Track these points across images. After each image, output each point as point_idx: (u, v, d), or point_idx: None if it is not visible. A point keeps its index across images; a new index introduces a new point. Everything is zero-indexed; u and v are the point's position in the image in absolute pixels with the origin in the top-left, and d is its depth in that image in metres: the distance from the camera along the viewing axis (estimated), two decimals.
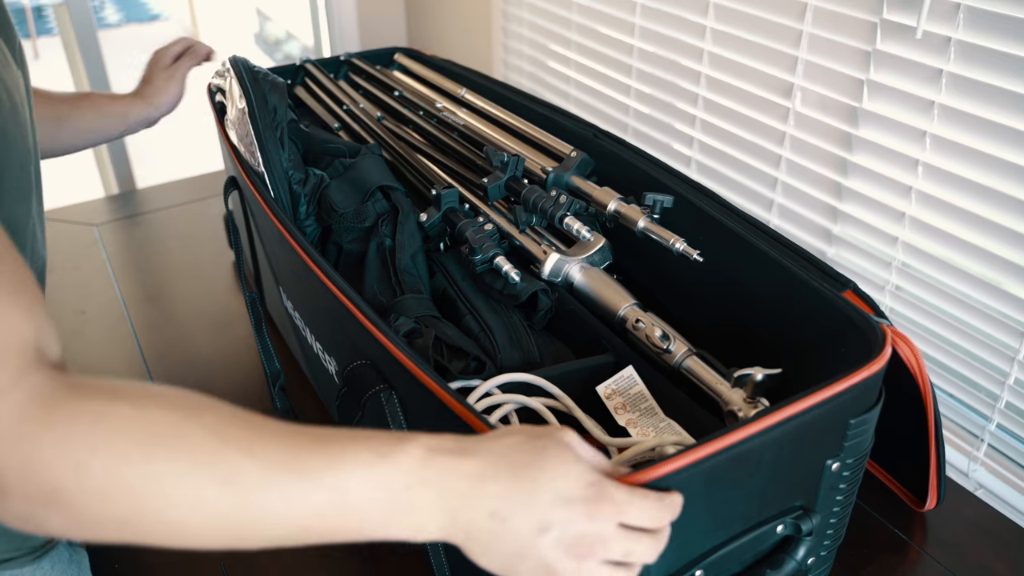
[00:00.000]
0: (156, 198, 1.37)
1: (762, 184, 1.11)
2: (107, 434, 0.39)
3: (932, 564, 0.74)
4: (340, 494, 0.42)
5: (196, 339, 1.03)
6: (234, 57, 0.89)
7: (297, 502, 0.41)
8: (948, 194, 0.88)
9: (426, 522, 0.44)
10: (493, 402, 0.67)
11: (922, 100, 0.88)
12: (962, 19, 0.81)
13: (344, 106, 1.09)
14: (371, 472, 0.43)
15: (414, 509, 0.43)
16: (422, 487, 0.43)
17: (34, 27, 4.52)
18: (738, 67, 1.10)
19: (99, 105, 0.91)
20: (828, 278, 0.68)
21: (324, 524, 0.42)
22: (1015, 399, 0.86)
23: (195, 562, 0.74)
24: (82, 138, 0.90)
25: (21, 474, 0.38)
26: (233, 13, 5.00)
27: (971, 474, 0.92)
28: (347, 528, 0.43)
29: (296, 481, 0.41)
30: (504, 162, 0.83)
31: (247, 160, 0.85)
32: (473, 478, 0.44)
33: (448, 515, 0.44)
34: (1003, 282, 0.85)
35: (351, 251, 0.84)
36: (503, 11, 1.60)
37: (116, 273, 1.17)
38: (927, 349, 0.94)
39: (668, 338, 0.70)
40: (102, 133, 0.92)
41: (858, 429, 0.58)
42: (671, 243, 0.73)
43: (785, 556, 0.61)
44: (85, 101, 0.90)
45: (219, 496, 0.40)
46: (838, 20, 0.94)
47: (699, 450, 0.49)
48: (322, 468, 0.42)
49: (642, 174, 0.84)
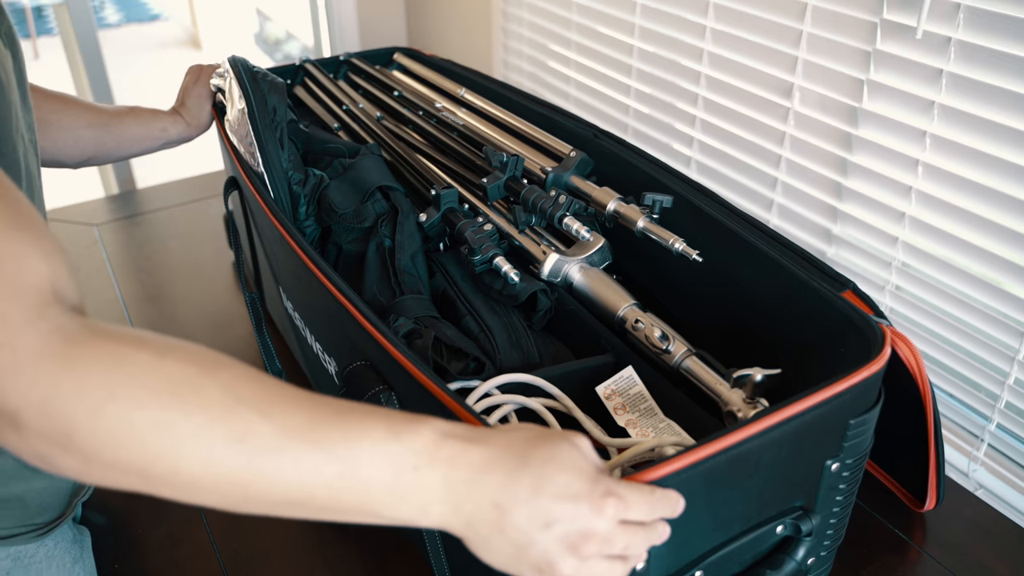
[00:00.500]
0: (156, 198, 1.37)
1: (762, 184, 1.11)
2: (125, 379, 0.39)
3: (932, 564, 0.74)
4: (351, 468, 0.42)
5: (196, 339, 1.02)
6: (234, 57, 0.89)
7: (308, 470, 0.41)
8: (948, 194, 0.88)
9: (429, 504, 0.43)
10: (492, 403, 0.67)
11: (922, 100, 0.88)
12: (962, 19, 0.81)
13: (344, 106, 1.09)
14: (383, 449, 0.43)
15: (420, 490, 0.43)
16: (430, 468, 0.43)
17: (34, 27, 4.53)
18: (738, 67, 1.10)
19: (142, 118, 0.94)
20: (828, 278, 0.68)
21: (330, 496, 0.42)
22: (1015, 399, 0.86)
23: (195, 562, 0.74)
24: (124, 147, 0.93)
25: (39, 411, 0.38)
26: (233, 13, 5.00)
27: (971, 474, 0.92)
28: (351, 503, 0.43)
29: (310, 450, 0.41)
30: (503, 162, 0.83)
31: (247, 160, 0.85)
32: (480, 466, 0.44)
33: (452, 500, 0.44)
34: (1003, 282, 0.85)
35: (351, 251, 0.84)
36: (503, 11, 1.60)
37: (116, 273, 1.17)
38: (927, 349, 0.94)
39: (667, 338, 0.70)
40: (144, 145, 0.94)
41: (858, 429, 0.58)
42: (670, 243, 0.73)
43: (785, 556, 0.61)
44: (128, 113, 0.93)
45: (229, 454, 0.40)
46: (838, 20, 0.94)
47: (699, 451, 0.49)
48: (337, 440, 0.42)
49: (641, 174, 0.84)
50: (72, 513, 0.71)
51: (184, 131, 0.97)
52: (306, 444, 0.41)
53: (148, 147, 0.95)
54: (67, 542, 0.70)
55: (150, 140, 0.95)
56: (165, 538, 0.76)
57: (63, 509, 0.70)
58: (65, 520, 0.70)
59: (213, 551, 0.75)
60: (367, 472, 0.42)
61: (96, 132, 0.90)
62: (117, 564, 0.74)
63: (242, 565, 0.74)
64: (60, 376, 0.38)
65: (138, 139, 0.94)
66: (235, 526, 0.77)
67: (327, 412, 0.43)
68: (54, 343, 0.39)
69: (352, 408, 0.44)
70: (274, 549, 0.75)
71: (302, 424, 0.42)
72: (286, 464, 0.41)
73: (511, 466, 0.44)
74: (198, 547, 0.75)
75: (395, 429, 0.43)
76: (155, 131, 0.95)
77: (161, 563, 0.74)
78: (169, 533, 0.77)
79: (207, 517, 0.78)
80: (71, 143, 0.87)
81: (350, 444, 0.42)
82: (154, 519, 0.78)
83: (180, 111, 0.97)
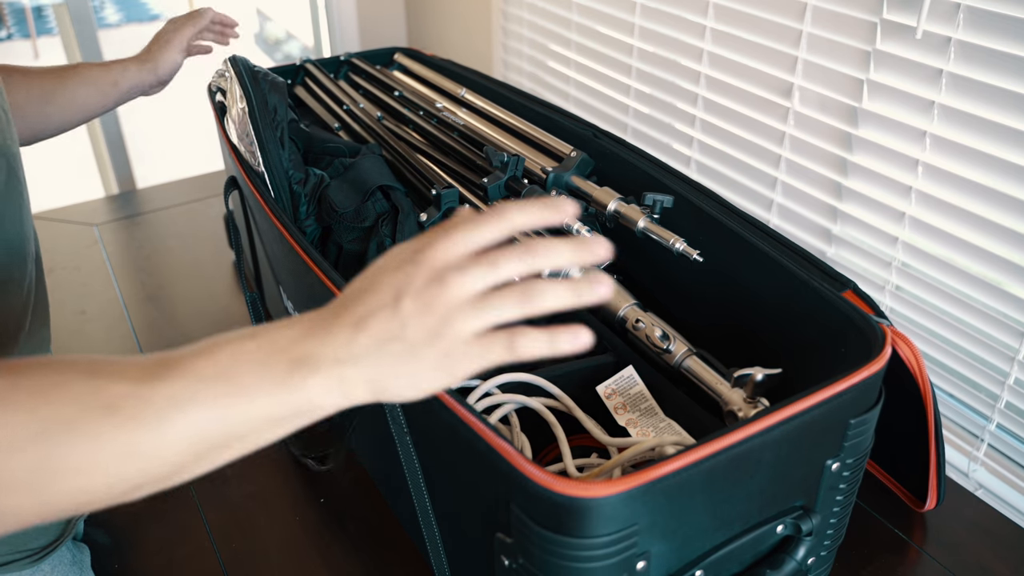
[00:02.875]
0: (156, 198, 1.37)
1: (762, 184, 1.11)
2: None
3: (932, 564, 0.74)
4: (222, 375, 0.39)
5: (196, 339, 1.03)
6: (234, 57, 0.89)
7: (184, 397, 0.38)
8: (948, 194, 0.88)
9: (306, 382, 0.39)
10: (493, 402, 0.67)
11: (922, 100, 0.88)
12: (962, 19, 0.81)
13: (344, 106, 1.09)
14: (241, 348, 0.40)
15: (290, 370, 0.39)
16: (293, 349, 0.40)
17: (34, 27, 4.52)
18: (738, 67, 1.10)
19: (88, 76, 0.84)
20: (828, 278, 0.68)
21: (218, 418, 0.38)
22: (1015, 399, 0.86)
23: (195, 562, 0.74)
24: (73, 113, 0.83)
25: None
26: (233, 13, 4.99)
27: (971, 474, 0.92)
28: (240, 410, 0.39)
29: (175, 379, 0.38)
30: (504, 162, 0.83)
31: (247, 160, 0.85)
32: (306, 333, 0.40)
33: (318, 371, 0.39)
34: (1003, 282, 0.85)
35: (351, 251, 0.84)
36: (503, 11, 1.60)
37: (116, 273, 1.17)
38: (927, 349, 0.94)
39: (668, 338, 0.70)
40: (94, 105, 0.85)
41: (858, 429, 0.58)
42: (671, 243, 0.73)
43: (785, 556, 0.61)
44: (72, 73, 0.83)
45: (110, 427, 0.37)
46: (838, 20, 0.94)
47: (699, 450, 0.49)
48: (198, 359, 0.39)
49: (642, 174, 0.84)
50: (71, 534, 0.70)
51: (136, 77, 0.87)
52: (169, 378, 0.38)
53: (99, 108, 0.85)
54: (65, 565, 0.68)
55: (100, 97, 0.85)
56: (165, 538, 0.76)
57: (60, 532, 0.68)
58: (63, 542, 0.68)
59: (213, 551, 0.75)
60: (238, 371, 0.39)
61: (37, 105, 0.80)
62: (117, 564, 0.74)
63: (242, 565, 0.74)
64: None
65: (86, 102, 0.84)
66: (235, 526, 0.77)
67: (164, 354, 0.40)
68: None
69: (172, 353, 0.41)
70: (274, 549, 0.75)
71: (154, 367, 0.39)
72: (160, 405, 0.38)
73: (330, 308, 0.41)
74: (198, 547, 0.75)
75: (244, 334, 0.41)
76: (104, 87, 0.85)
77: (161, 563, 0.74)
78: (169, 533, 0.77)
79: (207, 517, 0.78)
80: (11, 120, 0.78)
81: (207, 356, 0.39)
82: (154, 519, 0.78)
83: (139, 56, 0.88)
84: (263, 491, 0.81)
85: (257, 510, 0.79)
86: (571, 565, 0.48)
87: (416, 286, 0.39)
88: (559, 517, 0.47)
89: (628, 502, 0.47)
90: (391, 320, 0.39)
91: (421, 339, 0.39)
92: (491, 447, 0.50)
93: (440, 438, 0.56)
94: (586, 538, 0.47)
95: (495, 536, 0.53)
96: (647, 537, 0.50)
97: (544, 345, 0.39)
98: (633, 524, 0.48)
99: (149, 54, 0.89)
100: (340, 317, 0.40)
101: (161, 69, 0.89)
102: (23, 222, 0.64)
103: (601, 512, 0.46)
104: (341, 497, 0.80)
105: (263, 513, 0.79)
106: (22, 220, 0.64)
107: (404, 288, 0.39)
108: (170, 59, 0.90)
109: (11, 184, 0.62)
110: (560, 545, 0.48)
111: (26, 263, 0.64)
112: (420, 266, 0.39)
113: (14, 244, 0.63)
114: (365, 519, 0.78)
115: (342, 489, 0.81)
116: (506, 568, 0.53)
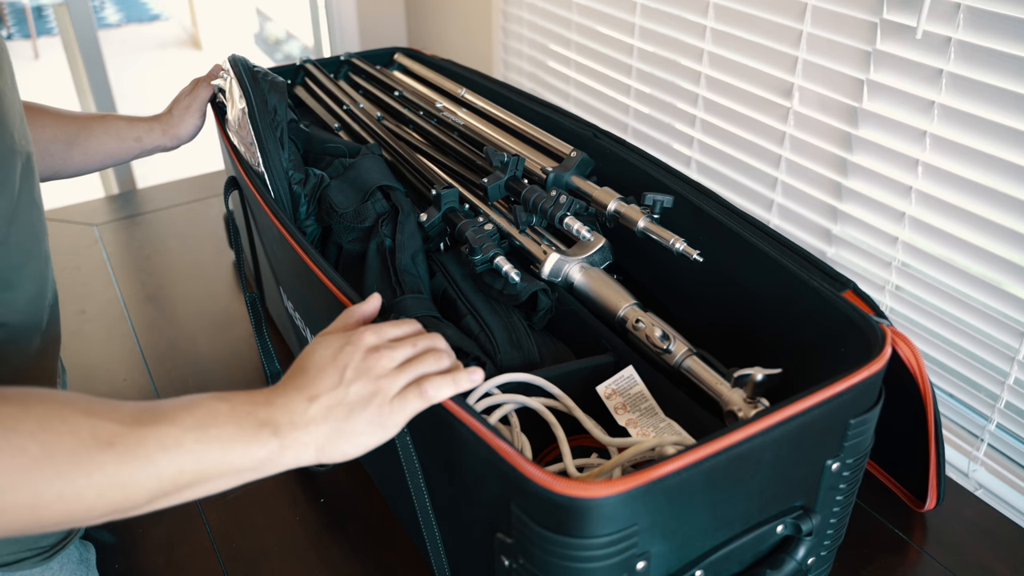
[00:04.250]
0: (156, 198, 1.37)
1: (762, 184, 1.11)
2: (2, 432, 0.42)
3: (932, 564, 0.74)
4: (202, 426, 0.47)
5: (196, 339, 1.03)
6: (234, 57, 0.89)
7: (170, 442, 0.45)
8: (948, 194, 0.88)
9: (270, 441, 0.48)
10: (493, 402, 0.67)
11: (922, 100, 0.88)
12: (962, 19, 0.81)
13: (344, 106, 1.09)
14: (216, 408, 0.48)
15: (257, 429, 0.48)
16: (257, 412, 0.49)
17: (34, 27, 4.53)
18: (738, 67, 1.10)
19: (114, 127, 0.88)
20: (828, 278, 0.68)
21: (195, 461, 0.46)
22: (1015, 399, 0.86)
23: (195, 562, 0.74)
24: (94, 159, 0.87)
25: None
26: (233, 13, 5.00)
27: (971, 474, 0.92)
28: (214, 457, 0.47)
29: (164, 425, 0.45)
30: (504, 162, 0.83)
31: (247, 160, 0.85)
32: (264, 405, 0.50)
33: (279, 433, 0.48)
34: (1003, 282, 0.85)
35: (351, 251, 0.84)
36: (503, 11, 1.60)
37: (116, 273, 1.17)
38: (927, 349, 0.94)
39: (668, 338, 0.70)
40: (115, 156, 0.89)
41: (858, 429, 0.58)
42: (671, 243, 0.73)
43: (785, 556, 0.61)
44: (99, 122, 0.87)
45: (105, 460, 0.43)
46: (838, 20, 0.95)
47: (699, 450, 0.49)
48: (179, 412, 0.47)
49: (642, 174, 0.84)
50: (80, 532, 0.70)
51: (159, 140, 0.91)
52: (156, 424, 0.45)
53: (120, 158, 0.90)
54: (73, 563, 0.69)
55: (122, 151, 0.89)
56: (165, 538, 0.76)
57: (68, 530, 0.68)
58: (72, 541, 0.69)
59: (213, 551, 0.75)
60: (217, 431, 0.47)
61: (62, 147, 0.84)
62: (117, 564, 0.74)
63: (242, 565, 0.74)
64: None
65: (109, 151, 0.88)
66: (235, 526, 0.77)
67: (149, 403, 0.47)
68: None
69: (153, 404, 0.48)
70: (274, 549, 0.75)
71: (140, 413, 0.46)
72: (151, 446, 0.45)
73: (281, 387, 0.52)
74: (198, 547, 0.75)
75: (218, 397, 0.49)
76: (128, 141, 0.89)
77: (161, 563, 0.74)
78: (169, 533, 0.77)
79: (207, 517, 0.78)
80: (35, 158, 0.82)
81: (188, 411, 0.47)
82: (154, 519, 0.78)
83: (162, 118, 0.92)
84: (263, 491, 0.81)
85: (257, 510, 0.79)
86: (571, 565, 0.48)
87: (356, 359, 0.52)
88: (559, 517, 0.47)
89: (628, 502, 0.47)
90: (336, 389, 0.50)
91: (359, 401, 0.50)
92: (491, 447, 0.50)
93: (440, 438, 0.56)
94: (586, 538, 0.47)
95: (495, 536, 0.53)
96: (647, 537, 0.50)
97: (449, 387, 0.52)
98: (633, 524, 0.48)
99: (171, 119, 0.93)
100: (300, 392, 0.50)
101: (183, 135, 0.94)
102: (34, 224, 0.64)
103: (601, 512, 0.46)
104: (341, 497, 0.80)
105: (263, 513, 0.79)
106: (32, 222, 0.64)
107: (347, 362, 0.51)
108: (191, 124, 0.95)
109: (26, 183, 0.62)
110: (560, 545, 0.48)
111: (41, 262, 0.65)
112: (357, 347, 0.52)
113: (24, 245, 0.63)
114: (365, 519, 0.78)
115: (342, 489, 0.81)
116: (506, 568, 0.53)
